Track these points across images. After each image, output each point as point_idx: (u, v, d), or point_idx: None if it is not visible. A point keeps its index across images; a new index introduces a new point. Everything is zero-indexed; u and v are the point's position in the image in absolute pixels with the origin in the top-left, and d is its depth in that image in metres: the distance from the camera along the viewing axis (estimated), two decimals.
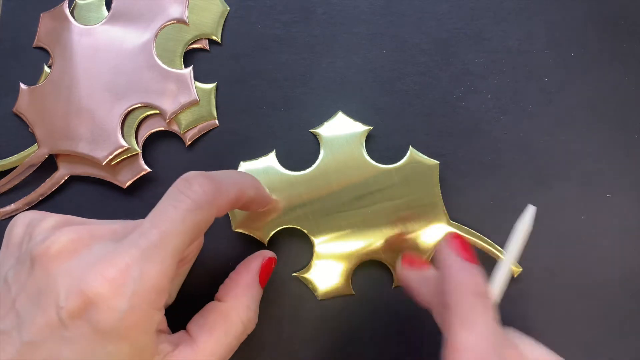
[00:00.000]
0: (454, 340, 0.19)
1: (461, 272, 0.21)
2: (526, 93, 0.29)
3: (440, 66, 0.30)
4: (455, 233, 0.24)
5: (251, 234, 0.28)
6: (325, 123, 0.29)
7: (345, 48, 0.30)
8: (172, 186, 0.21)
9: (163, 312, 0.22)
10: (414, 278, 0.24)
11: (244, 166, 0.29)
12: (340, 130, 0.29)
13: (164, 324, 0.23)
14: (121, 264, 0.19)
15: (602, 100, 0.29)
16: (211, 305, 0.25)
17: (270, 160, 0.29)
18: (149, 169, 0.29)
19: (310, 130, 0.29)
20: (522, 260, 0.27)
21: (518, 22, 0.30)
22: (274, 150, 0.29)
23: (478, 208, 0.29)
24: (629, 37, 0.30)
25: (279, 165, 0.29)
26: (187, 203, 0.20)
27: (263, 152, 0.29)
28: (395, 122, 0.29)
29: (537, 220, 0.28)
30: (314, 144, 0.29)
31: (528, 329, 0.22)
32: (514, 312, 0.27)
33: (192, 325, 0.24)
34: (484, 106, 0.29)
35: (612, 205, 0.28)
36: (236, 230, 0.28)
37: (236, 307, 0.24)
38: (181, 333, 0.23)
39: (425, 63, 0.30)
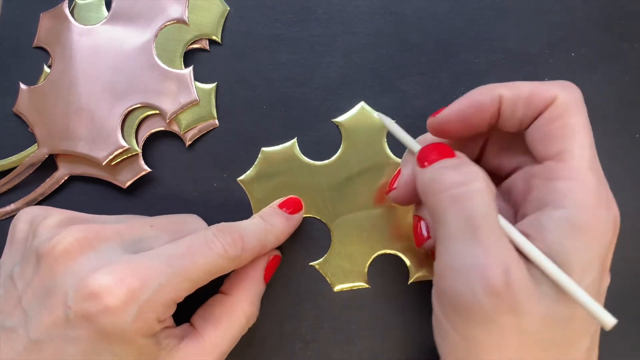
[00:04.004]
0: None
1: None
2: None
3: (440, 66, 0.30)
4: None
5: None
6: (347, 113, 0.29)
7: (345, 48, 0.30)
8: (206, 229, 0.23)
9: (168, 320, 0.22)
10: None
11: (266, 151, 0.29)
12: (363, 122, 0.29)
13: (170, 320, 0.23)
14: (143, 274, 0.20)
15: (602, 100, 0.29)
16: (216, 298, 0.25)
17: (291, 148, 0.29)
18: (149, 169, 0.29)
19: (332, 120, 0.29)
20: None
21: (518, 22, 0.30)
22: (295, 138, 0.29)
23: None
24: (629, 37, 0.30)
25: (300, 153, 0.29)
26: (220, 249, 0.22)
27: None
28: (396, 122, 0.29)
29: None
30: (315, 144, 0.29)
31: None
32: None
33: (197, 318, 0.24)
34: None
35: None
36: None
37: (241, 302, 0.25)
38: (186, 326, 0.24)
39: (425, 63, 0.30)
